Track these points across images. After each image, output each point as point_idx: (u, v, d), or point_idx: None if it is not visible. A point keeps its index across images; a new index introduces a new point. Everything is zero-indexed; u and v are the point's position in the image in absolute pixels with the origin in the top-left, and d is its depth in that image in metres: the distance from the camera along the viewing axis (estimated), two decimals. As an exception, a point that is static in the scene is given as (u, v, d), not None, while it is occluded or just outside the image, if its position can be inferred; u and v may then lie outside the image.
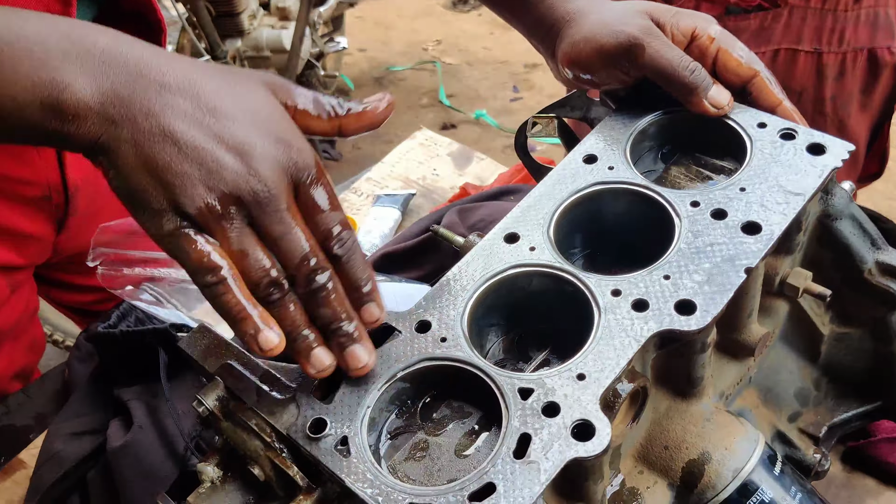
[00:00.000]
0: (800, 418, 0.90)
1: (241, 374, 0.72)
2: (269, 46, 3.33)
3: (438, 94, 4.61)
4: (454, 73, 4.84)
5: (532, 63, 4.91)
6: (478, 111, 4.40)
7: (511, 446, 0.63)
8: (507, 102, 4.57)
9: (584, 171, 0.82)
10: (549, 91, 4.61)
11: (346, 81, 4.62)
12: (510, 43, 5.12)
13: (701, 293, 0.70)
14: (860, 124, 1.60)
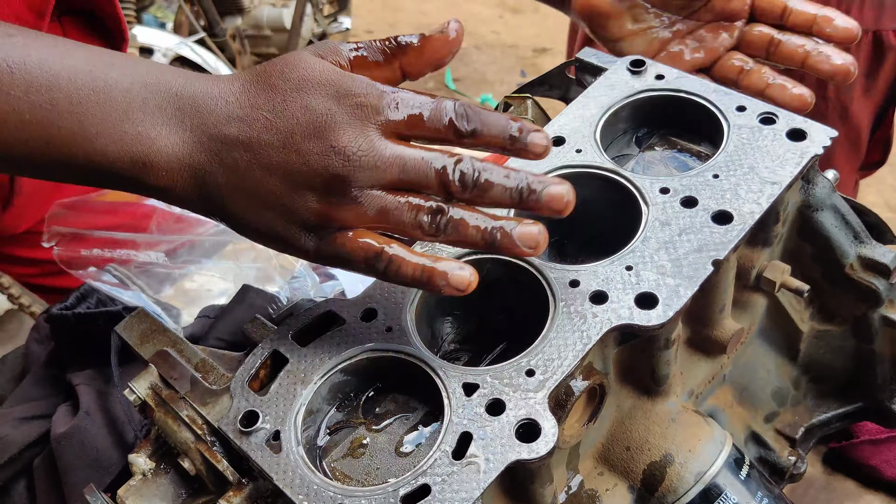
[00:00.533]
0: (776, 419, 0.86)
1: (175, 362, 0.69)
2: (270, 25, 3.29)
3: (445, 77, 4.55)
4: (461, 57, 4.78)
5: (541, 47, 4.84)
6: (484, 95, 4.34)
7: (450, 446, 0.59)
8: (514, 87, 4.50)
9: (550, 153, 0.78)
10: (557, 76, 4.54)
11: (351, 63, 4.58)
12: (519, 27, 5.06)
13: (664, 286, 0.65)
14: (863, 109, 1.54)
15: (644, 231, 0.70)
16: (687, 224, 0.69)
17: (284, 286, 1.05)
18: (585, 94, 0.83)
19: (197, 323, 1.00)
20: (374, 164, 0.60)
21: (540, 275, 0.68)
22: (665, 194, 0.72)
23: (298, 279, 1.06)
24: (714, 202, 0.70)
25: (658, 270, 0.66)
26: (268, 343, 0.68)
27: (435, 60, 0.66)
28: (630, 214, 0.73)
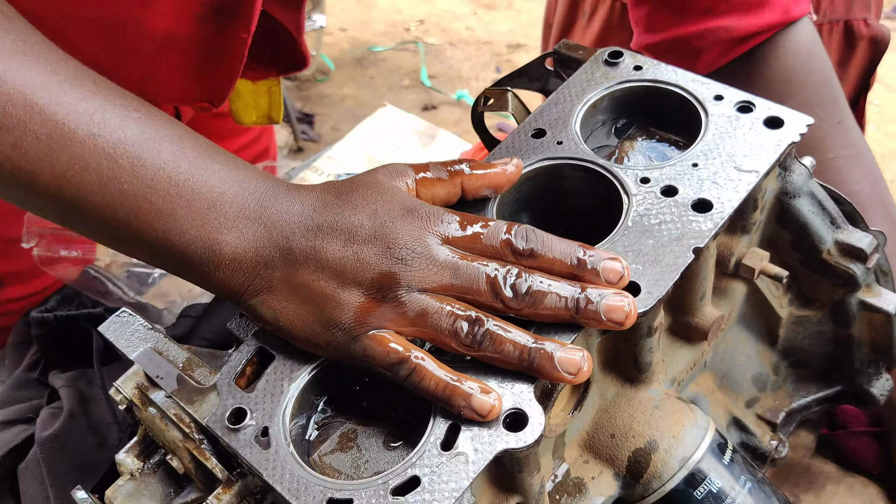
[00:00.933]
0: (757, 404, 0.87)
1: (161, 362, 0.69)
2: (244, 24, 3.26)
3: (420, 74, 4.55)
4: (436, 54, 4.78)
5: (515, 43, 4.85)
6: (459, 92, 4.35)
7: (439, 437, 0.60)
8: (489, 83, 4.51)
9: (530, 145, 0.78)
10: (532, 71, 4.55)
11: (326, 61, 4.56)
12: (493, 23, 5.07)
13: (646, 274, 0.66)
14: None
15: (625, 220, 0.70)
16: (667, 213, 0.70)
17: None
18: (564, 86, 0.83)
19: (180, 323, 1.00)
20: (426, 265, 0.62)
21: (523, 266, 0.69)
22: (645, 184, 0.73)
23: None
24: (693, 191, 0.71)
25: (639, 259, 0.67)
26: (253, 340, 0.68)
27: (493, 185, 0.71)
28: (611, 204, 0.73)
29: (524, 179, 0.77)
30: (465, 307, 0.62)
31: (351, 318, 0.62)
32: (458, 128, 4.03)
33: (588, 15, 1.67)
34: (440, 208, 0.66)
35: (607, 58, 0.84)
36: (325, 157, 1.54)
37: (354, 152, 1.54)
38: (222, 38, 0.96)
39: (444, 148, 1.53)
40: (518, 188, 0.77)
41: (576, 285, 0.62)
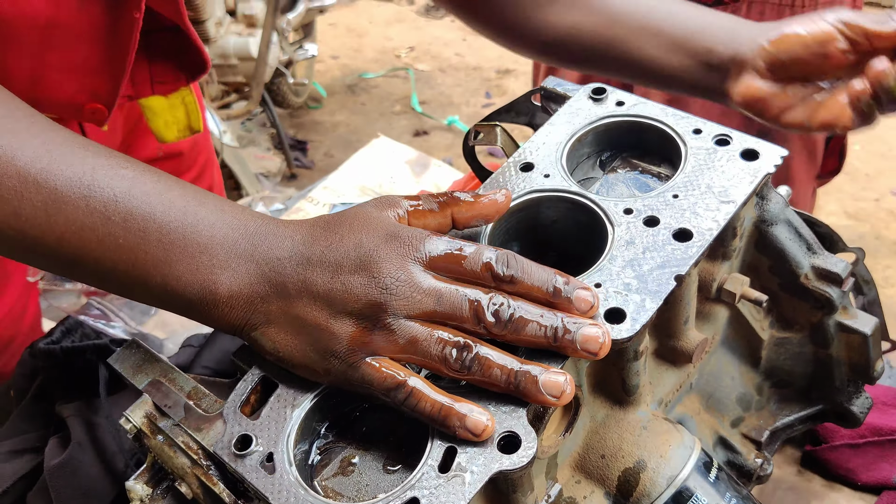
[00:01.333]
0: (742, 423, 0.90)
1: (168, 391, 0.72)
2: (237, 54, 3.31)
3: (411, 100, 4.61)
4: (427, 80, 4.84)
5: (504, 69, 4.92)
6: (450, 117, 4.40)
7: (436, 460, 0.63)
8: (480, 108, 4.58)
9: (519, 179, 0.82)
10: (521, 96, 4.61)
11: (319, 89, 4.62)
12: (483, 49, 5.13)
13: (631, 301, 0.70)
14: None
15: (610, 250, 0.74)
16: (650, 242, 0.74)
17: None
18: (551, 121, 0.87)
19: (182, 352, 1.03)
20: (410, 293, 0.64)
21: (514, 295, 0.72)
22: (629, 214, 0.76)
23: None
24: (675, 220, 0.75)
25: (625, 287, 0.71)
26: (257, 369, 0.71)
27: (483, 216, 0.73)
28: (597, 234, 0.77)
29: (513, 211, 0.80)
30: (454, 333, 0.65)
31: (345, 346, 0.65)
32: (449, 152, 4.08)
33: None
34: (422, 231, 0.68)
35: (591, 94, 0.88)
36: (321, 188, 1.57)
37: (349, 182, 1.58)
38: (110, 20, 0.96)
39: (437, 177, 1.56)
40: (507, 219, 0.80)
41: (556, 314, 0.65)
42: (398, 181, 1.57)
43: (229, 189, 2.93)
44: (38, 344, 1.04)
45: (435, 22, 5.50)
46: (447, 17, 5.53)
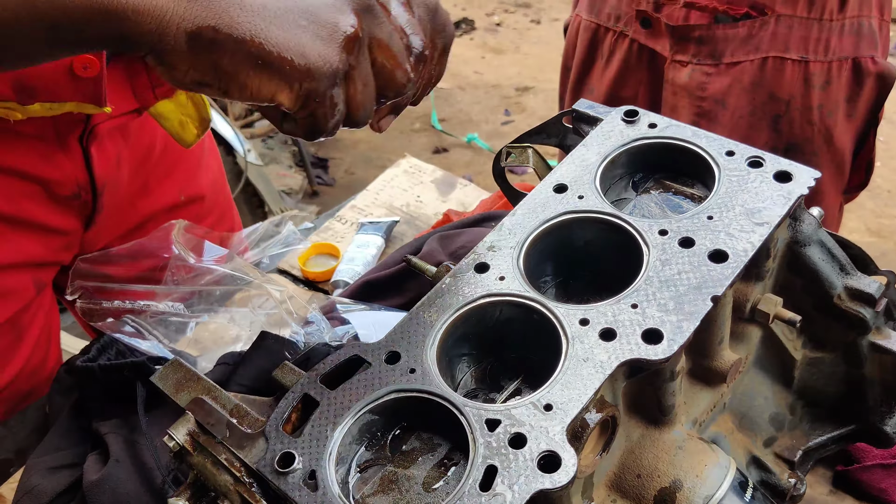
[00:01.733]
0: (775, 443, 0.90)
1: (211, 409, 0.73)
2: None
3: (431, 118, 4.63)
4: (446, 98, 4.87)
5: (524, 86, 4.94)
6: (469, 135, 4.42)
7: (477, 479, 0.63)
8: (499, 126, 4.60)
9: (554, 200, 0.83)
10: (541, 114, 4.64)
11: (339, 107, 4.64)
12: (501, 67, 5.16)
13: (668, 322, 0.70)
14: (846, 133, 1.62)
15: (646, 271, 0.75)
16: (685, 263, 0.74)
17: (299, 331, 1.09)
18: (584, 143, 0.88)
19: (217, 370, 1.04)
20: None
21: (551, 314, 0.73)
22: (664, 236, 0.77)
23: (312, 324, 1.10)
24: (710, 242, 0.76)
25: (661, 307, 0.71)
26: (298, 387, 0.72)
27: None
28: (631, 255, 0.78)
29: (547, 231, 0.81)
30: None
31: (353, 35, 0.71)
32: (469, 169, 4.09)
33: (606, 57, 1.73)
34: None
35: (624, 116, 0.89)
36: (349, 207, 1.59)
37: (376, 201, 1.60)
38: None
39: (462, 196, 1.58)
40: (543, 239, 0.81)
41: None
42: (425, 200, 1.58)
43: (253, 206, 2.95)
44: (75, 361, 1.06)
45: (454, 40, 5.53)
46: (466, 35, 5.57)
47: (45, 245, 1.21)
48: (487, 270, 0.78)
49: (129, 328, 1.15)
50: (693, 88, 1.58)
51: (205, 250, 1.21)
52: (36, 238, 1.19)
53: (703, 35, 1.54)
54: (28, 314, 1.23)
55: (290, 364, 0.77)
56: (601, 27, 1.73)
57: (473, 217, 1.40)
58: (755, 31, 1.51)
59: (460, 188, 1.60)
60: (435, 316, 0.76)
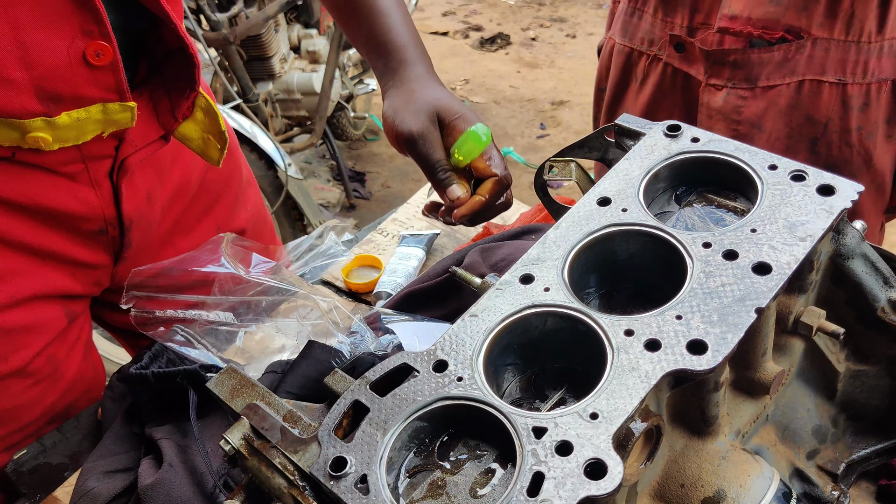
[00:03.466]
0: (818, 455, 0.91)
1: (265, 414, 0.75)
2: (300, 89, 3.40)
3: (467, 132, 4.65)
4: (482, 112, 4.90)
5: (559, 100, 4.96)
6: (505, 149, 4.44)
7: (524, 485, 0.65)
8: (534, 140, 4.61)
9: (597, 213, 0.85)
10: (576, 128, 4.65)
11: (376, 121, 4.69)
12: (536, 81, 5.18)
13: (712, 333, 0.71)
14: (886, 155, 1.60)
15: (690, 283, 0.76)
16: (729, 275, 0.76)
17: (345, 340, 1.11)
18: (627, 157, 0.90)
19: (265, 378, 1.07)
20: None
21: (596, 325, 0.74)
22: (707, 248, 0.78)
23: (357, 334, 1.13)
24: (753, 254, 0.77)
25: (705, 319, 0.73)
26: (349, 394, 0.74)
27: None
28: (675, 267, 0.79)
29: (591, 244, 0.83)
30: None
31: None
32: (504, 184, 4.10)
33: (640, 80, 1.74)
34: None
35: (667, 130, 0.90)
36: (390, 219, 1.61)
37: (417, 214, 1.62)
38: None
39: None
40: (587, 252, 0.83)
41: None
42: (465, 213, 1.60)
43: (293, 219, 2.99)
44: (127, 369, 1.09)
45: (489, 55, 5.57)
46: (501, 50, 5.60)
47: (73, 278, 1.22)
48: (533, 281, 0.80)
49: (179, 337, 1.18)
50: (728, 112, 1.59)
51: (252, 262, 1.24)
52: (63, 271, 1.20)
53: (738, 59, 1.54)
54: (65, 345, 1.24)
55: (341, 371, 0.79)
56: (635, 51, 1.74)
57: (514, 230, 1.42)
58: (791, 54, 1.51)
59: (500, 201, 1.62)
60: (481, 326, 0.77)
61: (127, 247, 1.24)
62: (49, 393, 1.23)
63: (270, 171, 2.84)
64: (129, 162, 1.15)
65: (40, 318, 1.19)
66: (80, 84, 1.01)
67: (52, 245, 1.16)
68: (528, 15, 6.11)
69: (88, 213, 1.16)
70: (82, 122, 1.03)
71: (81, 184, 1.13)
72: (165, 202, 1.30)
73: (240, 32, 3.01)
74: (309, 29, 3.57)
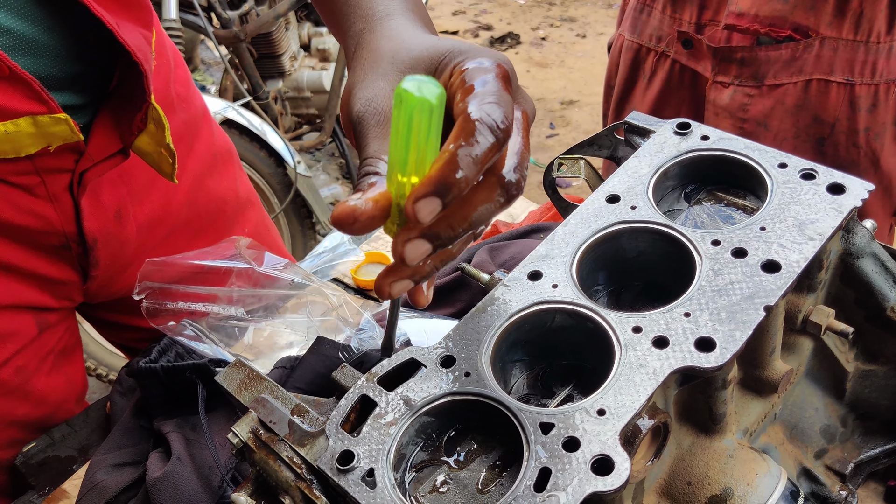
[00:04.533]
0: (826, 455, 0.90)
1: (273, 407, 0.75)
2: (310, 87, 3.41)
3: (476, 131, 4.65)
4: (491, 111, 4.88)
5: (568, 100, 4.95)
6: (514, 148, 4.43)
7: (531, 481, 0.65)
8: (544, 139, 4.61)
9: (606, 210, 0.85)
10: (586, 128, 4.64)
11: (385, 120, 4.70)
12: (546, 80, 5.18)
13: (721, 331, 0.71)
14: (894, 156, 1.60)
15: (699, 280, 0.76)
16: (738, 273, 0.75)
17: (353, 336, 1.12)
18: (636, 154, 0.90)
19: (274, 373, 1.07)
20: None
21: (605, 322, 0.74)
22: (716, 246, 0.78)
23: (365, 330, 1.13)
24: (762, 252, 0.77)
25: (714, 316, 0.72)
26: (357, 388, 0.75)
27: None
28: (684, 265, 0.79)
29: (600, 241, 0.83)
30: None
31: None
32: (513, 183, 4.09)
33: (648, 77, 1.74)
34: None
35: (676, 128, 0.90)
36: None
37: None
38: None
39: (511, 207, 1.59)
40: (595, 249, 0.83)
41: None
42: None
43: (302, 217, 3.00)
44: (137, 362, 1.10)
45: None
46: (511, 49, 5.59)
47: (41, 291, 1.19)
48: (541, 278, 0.80)
49: (188, 331, 1.19)
50: (735, 110, 1.58)
51: (265, 260, 1.24)
52: (29, 284, 1.17)
53: (746, 56, 1.54)
54: (37, 355, 1.22)
55: (349, 366, 0.79)
56: (643, 47, 1.74)
57: (522, 228, 1.42)
58: (799, 53, 1.50)
59: (509, 200, 1.62)
60: (489, 322, 0.77)
61: (94, 265, 1.20)
62: (18, 405, 1.21)
63: (280, 168, 2.84)
64: (87, 176, 1.10)
65: (7, 327, 1.16)
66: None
67: (13, 258, 1.13)
68: (539, 14, 6.11)
69: (46, 228, 1.12)
70: (12, 135, 0.98)
71: (39, 197, 1.09)
72: (144, 222, 1.25)
73: (250, 30, 3.02)
74: (319, 27, 3.58)
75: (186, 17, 2.86)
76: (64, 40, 1.01)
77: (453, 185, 0.57)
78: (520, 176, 0.64)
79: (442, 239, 0.62)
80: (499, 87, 0.62)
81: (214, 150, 1.41)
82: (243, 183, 1.51)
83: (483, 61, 0.66)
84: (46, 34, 0.99)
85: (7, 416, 1.20)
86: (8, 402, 1.19)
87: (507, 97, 0.62)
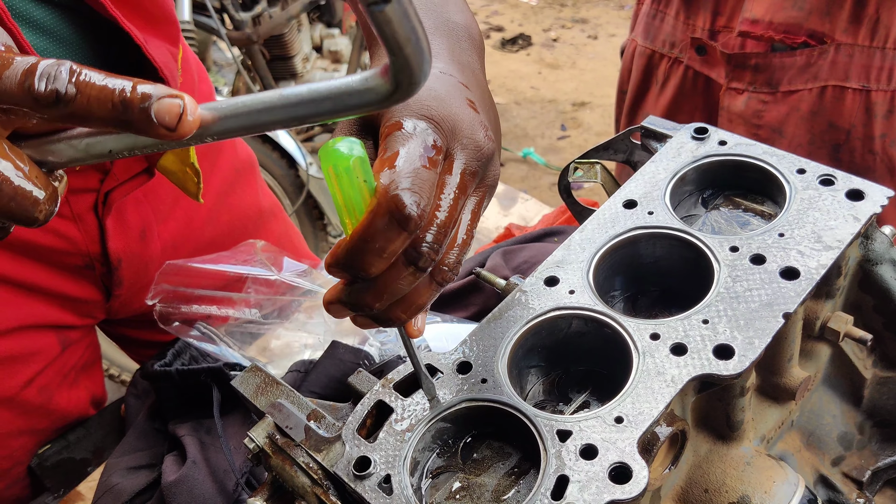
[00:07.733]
0: (843, 462, 0.90)
1: (290, 412, 0.75)
2: (322, 89, 3.41)
3: (487, 132, 4.64)
4: (502, 113, 4.89)
5: (580, 101, 4.94)
6: (525, 149, 4.43)
7: (549, 488, 0.65)
8: (555, 141, 4.60)
9: (623, 215, 0.84)
10: (597, 129, 4.63)
11: (396, 121, 4.70)
12: (558, 82, 5.17)
13: (739, 338, 0.71)
14: None
15: (717, 287, 0.75)
16: (756, 280, 0.75)
17: (375, 343, 1.12)
18: (653, 159, 0.89)
19: (288, 377, 1.07)
20: None
21: (622, 328, 0.74)
22: (735, 252, 0.78)
23: (384, 332, 1.13)
24: (781, 259, 0.76)
25: (732, 323, 0.72)
26: (373, 394, 0.75)
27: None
28: (702, 271, 0.78)
29: (618, 246, 0.83)
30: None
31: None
32: (524, 184, 4.10)
33: (661, 83, 1.73)
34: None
35: (694, 133, 0.90)
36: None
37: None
38: None
39: (524, 210, 1.59)
40: (612, 254, 0.83)
41: (127, 80, 0.51)
42: (486, 214, 1.60)
43: (314, 218, 3.00)
44: (152, 365, 1.10)
45: (511, 56, 5.56)
46: (523, 50, 5.59)
47: (63, 310, 1.19)
48: (557, 284, 0.80)
49: (198, 333, 1.19)
50: (749, 116, 1.57)
51: (284, 266, 1.24)
52: (52, 303, 1.17)
53: (760, 63, 1.53)
54: (60, 373, 1.22)
55: (365, 371, 0.79)
56: (656, 53, 1.73)
57: (536, 232, 1.42)
58: (814, 59, 1.49)
59: (521, 202, 1.62)
60: (505, 328, 0.77)
61: (117, 285, 1.20)
62: (40, 421, 1.21)
63: (291, 169, 2.84)
64: (112, 196, 1.10)
65: (31, 346, 1.16)
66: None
67: (36, 278, 1.13)
68: (550, 16, 6.10)
69: (70, 248, 1.12)
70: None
71: (63, 217, 1.09)
72: (168, 241, 1.25)
73: (263, 32, 3.02)
74: (331, 28, 3.58)
75: (199, 18, 2.86)
76: (88, 58, 1.01)
77: (358, 266, 0.60)
78: (442, 260, 0.65)
79: (363, 310, 0.64)
80: (418, 168, 0.60)
81: (237, 165, 1.41)
82: (265, 193, 1.50)
83: (419, 124, 0.63)
84: (70, 51, 0.98)
85: (28, 430, 1.20)
86: (30, 419, 1.19)
87: (427, 178, 0.60)
